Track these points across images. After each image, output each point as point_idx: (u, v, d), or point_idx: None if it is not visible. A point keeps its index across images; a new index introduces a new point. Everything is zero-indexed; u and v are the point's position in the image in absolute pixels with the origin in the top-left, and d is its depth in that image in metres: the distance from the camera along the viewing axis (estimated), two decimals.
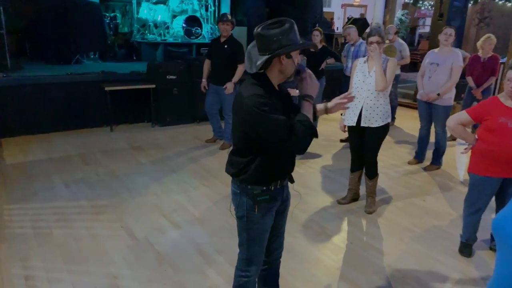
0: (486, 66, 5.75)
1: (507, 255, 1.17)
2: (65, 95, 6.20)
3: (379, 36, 3.54)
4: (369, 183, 3.92)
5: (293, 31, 1.84)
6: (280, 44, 1.81)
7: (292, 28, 1.84)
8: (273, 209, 2.10)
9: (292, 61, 1.88)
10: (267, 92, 1.87)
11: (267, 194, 2.03)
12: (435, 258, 3.21)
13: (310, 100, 1.93)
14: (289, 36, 1.82)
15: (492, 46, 5.75)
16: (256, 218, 2.06)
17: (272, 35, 1.81)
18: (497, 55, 5.88)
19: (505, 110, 2.86)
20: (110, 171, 4.72)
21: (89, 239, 3.30)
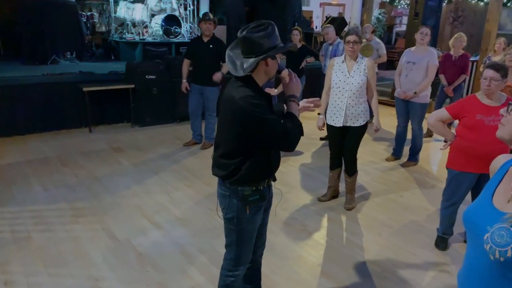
0: (457, 65, 5.90)
1: (474, 244, 1.24)
2: (42, 96, 6.08)
3: (356, 35, 3.61)
4: (349, 180, 4.00)
5: (275, 33, 1.91)
6: (265, 46, 1.87)
7: (274, 30, 1.91)
8: (262, 208, 2.14)
9: (276, 62, 1.97)
10: (256, 93, 1.92)
11: (258, 194, 2.07)
12: (412, 252, 3.30)
13: (295, 100, 2.03)
14: (272, 38, 1.89)
15: (462, 45, 5.89)
16: (247, 219, 2.09)
17: (257, 37, 1.86)
18: (468, 54, 6.04)
19: (482, 107, 2.97)
20: (90, 173, 4.67)
21: (69, 242, 3.27)
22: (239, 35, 1.90)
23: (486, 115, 2.93)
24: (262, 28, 1.87)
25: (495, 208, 1.22)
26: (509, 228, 1.11)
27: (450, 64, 5.96)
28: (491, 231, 1.15)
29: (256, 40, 1.86)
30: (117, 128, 6.57)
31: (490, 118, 2.92)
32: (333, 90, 3.76)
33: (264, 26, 1.88)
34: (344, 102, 3.68)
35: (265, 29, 1.87)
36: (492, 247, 1.12)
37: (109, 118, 6.68)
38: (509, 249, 1.09)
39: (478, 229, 1.21)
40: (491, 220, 1.18)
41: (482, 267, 1.19)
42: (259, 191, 2.07)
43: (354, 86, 3.65)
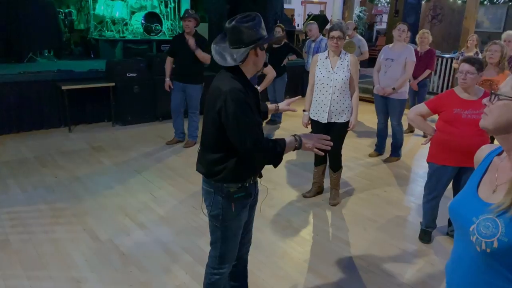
0: (423, 60, 5.94)
1: (460, 235, 1.24)
2: (19, 95, 5.91)
3: (340, 31, 3.60)
4: (333, 176, 4.00)
5: (262, 24, 1.90)
6: (255, 36, 1.86)
7: (261, 21, 1.89)
8: (247, 205, 2.11)
9: (264, 53, 1.95)
10: (244, 86, 1.88)
11: (243, 191, 2.03)
12: (397, 246, 3.33)
13: (297, 140, 1.95)
14: (260, 29, 1.88)
15: (426, 41, 5.94)
16: (232, 216, 2.05)
17: (247, 27, 1.84)
18: (433, 49, 6.12)
19: (459, 101, 3.01)
20: (70, 173, 4.56)
21: (49, 244, 3.18)
22: (227, 25, 1.87)
23: (464, 109, 2.97)
24: (250, 18, 1.86)
25: (480, 199, 1.21)
26: (494, 219, 1.11)
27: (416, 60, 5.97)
28: (477, 222, 1.14)
29: (245, 30, 1.84)
30: (98, 127, 6.44)
31: (468, 112, 2.96)
32: (317, 87, 3.75)
33: (252, 17, 1.87)
34: (328, 98, 3.68)
35: (253, 19, 1.86)
36: (478, 238, 1.12)
37: (89, 117, 6.54)
38: (495, 240, 1.08)
39: (464, 221, 1.20)
40: (477, 212, 1.17)
41: (469, 259, 1.18)
42: (245, 188, 2.03)
43: (338, 82, 3.64)
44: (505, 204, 1.10)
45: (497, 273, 1.12)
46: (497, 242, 1.08)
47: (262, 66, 2.00)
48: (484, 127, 1.20)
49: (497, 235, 1.08)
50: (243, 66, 1.92)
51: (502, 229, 1.08)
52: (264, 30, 1.91)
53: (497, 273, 1.13)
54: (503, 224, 1.08)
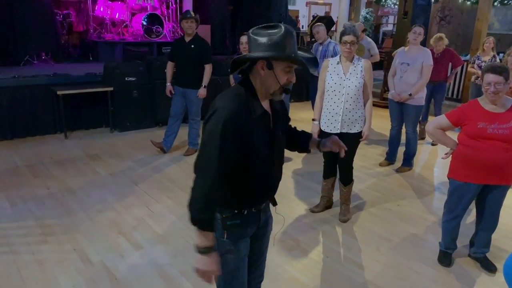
0: (440, 62, 5.70)
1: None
2: (13, 100, 5.67)
3: (353, 35, 3.31)
4: (344, 190, 3.72)
5: (287, 40, 1.55)
6: (265, 47, 1.55)
7: (286, 36, 1.55)
8: (246, 236, 1.82)
9: (273, 74, 1.58)
10: (249, 107, 1.60)
11: (238, 219, 1.75)
12: (415, 270, 3.04)
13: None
14: (279, 43, 1.54)
15: (440, 43, 5.73)
16: (227, 245, 1.77)
17: (259, 36, 1.56)
18: (449, 48, 5.88)
19: (484, 114, 2.72)
20: (63, 185, 4.30)
21: (34, 266, 2.91)
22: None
23: (489, 122, 2.68)
24: (271, 29, 1.57)
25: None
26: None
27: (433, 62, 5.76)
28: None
29: (256, 39, 1.57)
30: (95, 133, 6.19)
31: (494, 126, 2.67)
32: (328, 94, 3.47)
33: (275, 27, 1.57)
34: (341, 107, 3.39)
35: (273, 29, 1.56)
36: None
37: (86, 123, 6.29)
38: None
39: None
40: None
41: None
42: (241, 216, 1.75)
43: (351, 90, 3.36)
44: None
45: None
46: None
47: (274, 90, 1.63)
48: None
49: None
50: (253, 80, 1.64)
51: None
52: (290, 47, 1.56)
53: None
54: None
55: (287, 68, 1.60)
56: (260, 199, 1.80)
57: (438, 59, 5.65)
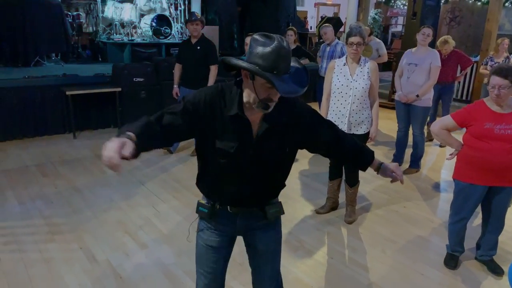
0: (447, 63, 5.62)
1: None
2: (23, 100, 5.74)
3: (360, 36, 3.29)
4: (350, 191, 3.71)
5: (275, 56, 1.44)
6: (252, 57, 1.48)
7: (276, 52, 1.44)
8: (214, 231, 1.80)
9: (252, 85, 1.49)
10: (226, 102, 1.59)
11: (207, 209, 1.77)
12: (420, 272, 3.02)
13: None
14: (266, 57, 1.44)
15: (446, 46, 5.65)
16: (199, 227, 1.86)
17: (255, 43, 1.49)
18: (457, 50, 5.80)
19: (491, 115, 2.70)
20: (71, 184, 4.34)
21: (41, 264, 2.94)
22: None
23: (496, 123, 2.65)
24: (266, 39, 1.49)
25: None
26: None
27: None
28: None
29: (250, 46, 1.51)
30: (103, 133, 6.24)
31: (500, 126, 2.64)
32: (334, 96, 3.46)
33: (269, 38, 1.48)
34: (347, 108, 3.38)
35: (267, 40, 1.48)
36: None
37: (94, 123, 6.35)
38: None
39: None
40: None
41: None
42: (211, 207, 1.76)
43: (358, 91, 3.35)
44: None
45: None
46: None
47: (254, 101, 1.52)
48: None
49: None
50: (243, 85, 1.59)
51: None
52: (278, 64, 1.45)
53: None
54: None
55: (267, 84, 1.47)
56: (218, 199, 1.76)
57: (445, 60, 5.59)
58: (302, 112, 1.70)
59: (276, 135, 1.64)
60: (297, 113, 1.69)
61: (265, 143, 1.63)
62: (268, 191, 1.79)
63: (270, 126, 1.62)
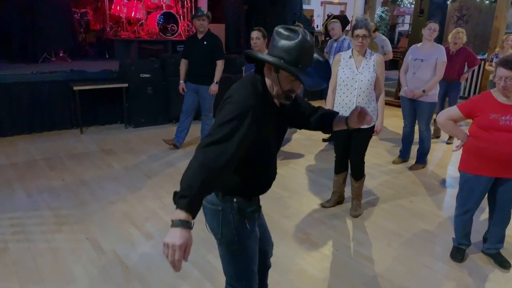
0: (455, 59, 5.58)
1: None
2: (31, 95, 5.81)
3: (365, 29, 3.29)
4: (356, 185, 3.70)
5: (300, 50, 1.48)
6: (276, 51, 1.51)
7: (300, 46, 1.48)
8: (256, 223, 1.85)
9: (277, 78, 1.55)
10: (263, 99, 1.61)
11: (254, 205, 1.78)
12: (426, 265, 3.01)
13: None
14: (291, 51, 1.48)
15: (460, 41, 5.58)
16: (248, 234, 1.78)
17: (279, 36, 1.53)
18: (466, 47, 5.73)
19: (497, 106, 2.68)
20: (77, 177, 4.38)
21: (48, 254, 2.97)
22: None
23: (502, 114, 2.64)
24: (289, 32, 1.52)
25: None
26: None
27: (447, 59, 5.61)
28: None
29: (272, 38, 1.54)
30: (110, 129, 6.28)
31: (506, 117, 2.63)
32: (340, 88, 3.46)
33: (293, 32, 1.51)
34: (353, 101, 3.38)
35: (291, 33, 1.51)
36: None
37: (101, 119, 6.40)
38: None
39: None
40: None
41: None
42: (254, 202, 1.80)
43: (363, 84, 3.35)
44: None
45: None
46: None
47: (280, 94, 1.59)
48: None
49: None
50: (265, 76, 1.63)
51: None
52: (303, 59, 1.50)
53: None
54: None
55: (291, 77, 1.53)
56: (266, 188, 1.84)
57: (453, 56, 5.55)
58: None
59: (285, 117, 1.79)
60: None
61: (282, 124, 1.80)
62: None
63: (283, 109, 1.74)
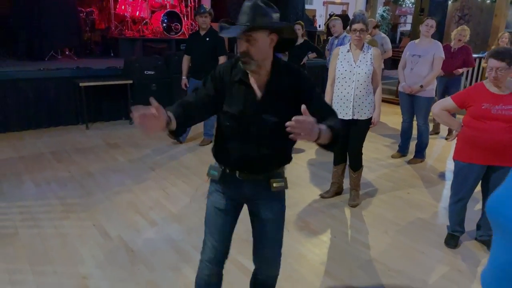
0: (456, 56, 5.66)
1: (503, 239, 1.04)
2: (38, 91, 5.94)
3: (363, 23, 3.40)
4: (354, 176, 3.81)
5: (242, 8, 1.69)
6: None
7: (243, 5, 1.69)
8: (222, 194, 1.92)
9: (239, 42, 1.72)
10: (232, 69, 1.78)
11: (217, 171, 1.90)
12: (420, 251, 3.11)
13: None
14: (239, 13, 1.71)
15: (464, 38, 5.65)
16: (208, 191, 1.98)
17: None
18: (467, 46, 5.81)
19: (489, 96, 2.79)
20: (84, 169, 4.50)
21: (57, 239, 3.10)
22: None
23: (493, 103, 2.75)
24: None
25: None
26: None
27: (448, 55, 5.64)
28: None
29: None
30: (115, 124, 6.41)
31: (498, 107, 2.74)
32: (338, 81, 3.57)
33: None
34: (351, 93, 3.49)
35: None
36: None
37: (106, 115, 6.53)
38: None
39: (508, 221, 1.00)
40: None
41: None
42: (221, 171, 1.89)
43: (361, 76, 3.46)
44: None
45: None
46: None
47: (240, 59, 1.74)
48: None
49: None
50: None
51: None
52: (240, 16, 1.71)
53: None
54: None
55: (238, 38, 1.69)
56: (228, 163, 1.88)
57: (454, 53, 5.64)
58: (302, 81, 1.80)
59: (278, 99, 1.76)
60: (298, 81, 1.79)
61: (267, 106, 1.75)
62: (272, 157, 1.86)
63: (272, 90, 1.76)
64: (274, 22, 1.69)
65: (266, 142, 1.80)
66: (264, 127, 1.77)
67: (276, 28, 1.69)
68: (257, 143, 1.79)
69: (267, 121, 1.75)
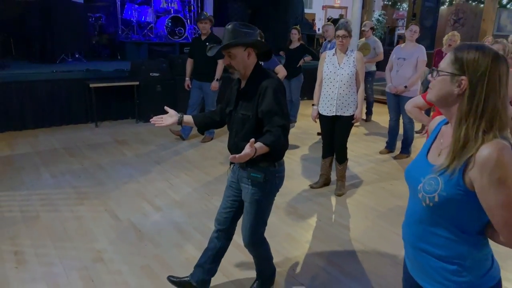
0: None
1: (412, 195, 1.45)
2: (50, 92, 6.38)
3: (345, 30, 3.82)
4: (339, 167, 4.20)
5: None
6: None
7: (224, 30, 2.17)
8: (230, 174, 2.44)
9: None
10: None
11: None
12: (395, 232, 3.49)
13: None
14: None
15: (455, 44, 6.03)
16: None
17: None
18: None
19: None
20: (95, 162, 4.93)
21: (74, 221, 3.51)
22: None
23: None
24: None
25: (428, 162, 1.41)
26: (436, 177, 1.30)
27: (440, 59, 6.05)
28: (423, 181, 1.34)
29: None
30: (122, 123, 6.84)
31: None
32: (324, 81, 3.98)
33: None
34: (335, 92, 3.90)
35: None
36: (423, 194, 1.32)
37: (114, 114, 6.95)
38: (436, 195, 1.28)
39: (414, 181, 1.40)
40: (424, 172, 1.36)
41: (418, 213, 1.39)
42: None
43: (344, 77, 3.86)
44: (445, 164, 1.29)
45: (438, 224, 1.33)
46: (437, 197, 1.28)
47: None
48: (430, 100, 1.40)
49: (438, 191, 1.28)
50: None
51: (442, 185, 1.27)
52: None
53: (438, 224, 1.33)
54: (442, 181, 1.28)
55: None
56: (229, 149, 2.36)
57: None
58: (266, 86, 2.13)
59: (247, 101, 2.19)
60: (263, 86, 2.14)
61: (240, 106, 2.24)
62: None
63: (245, 92, 2.24)
64: (246, 40, 2.12)
65: (240, 135, 2.24)
66: (238, 122, 2.25)
67: (250, 44, 2.13)
68: (235, 136, 2.27)
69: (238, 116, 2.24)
